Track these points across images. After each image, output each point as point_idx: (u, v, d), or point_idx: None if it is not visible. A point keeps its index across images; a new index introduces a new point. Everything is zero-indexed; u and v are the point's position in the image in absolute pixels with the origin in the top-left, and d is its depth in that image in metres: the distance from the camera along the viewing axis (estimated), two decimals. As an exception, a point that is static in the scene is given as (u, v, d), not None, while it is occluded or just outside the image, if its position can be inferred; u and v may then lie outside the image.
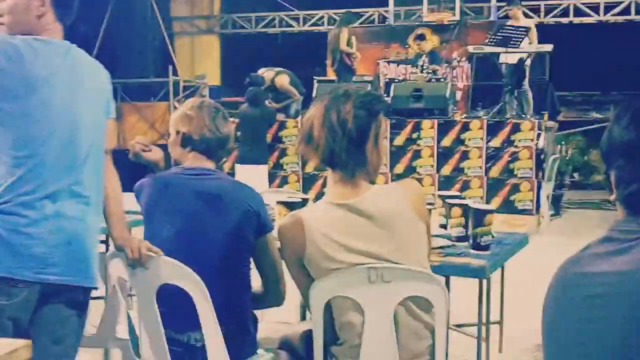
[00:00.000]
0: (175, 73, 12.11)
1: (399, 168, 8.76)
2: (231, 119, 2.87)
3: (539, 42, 9.57)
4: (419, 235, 2.23)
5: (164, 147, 2.84)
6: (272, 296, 2.58)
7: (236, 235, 2.46)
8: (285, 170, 9.28)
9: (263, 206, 2.55)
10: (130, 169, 2.79)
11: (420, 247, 2.24)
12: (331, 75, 10.68)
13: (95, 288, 2.31)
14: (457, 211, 3.01)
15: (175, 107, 10.92)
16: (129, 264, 2.37)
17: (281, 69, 9.52)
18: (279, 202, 2.98)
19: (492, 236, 2.89)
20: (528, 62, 9.46)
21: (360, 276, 2.13)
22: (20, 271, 2.10)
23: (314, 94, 9.28)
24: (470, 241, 2.87)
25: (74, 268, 2.20)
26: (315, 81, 10.01)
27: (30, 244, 2.11)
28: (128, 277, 2.40)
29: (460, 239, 2.99)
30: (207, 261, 2.42)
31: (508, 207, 8.05)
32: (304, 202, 3.10)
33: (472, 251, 2.83)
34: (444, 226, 3.23)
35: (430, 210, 2.71)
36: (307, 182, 9.10)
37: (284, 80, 9.38)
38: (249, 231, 2.48)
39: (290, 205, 2.92)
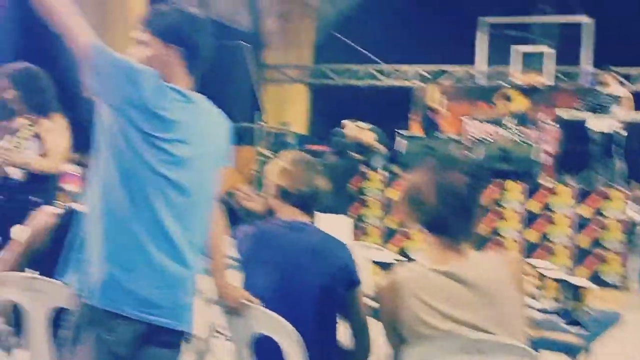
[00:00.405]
0: (262, 119, 12.39)
1: (481, 229, 8.63)
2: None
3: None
4: (516, 307, 2.22)
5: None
6: (360, 350, 2.59)
7: (329, 288, 2.50)
8: (365, 222, 9.29)
9: (354, 260, 2.58)
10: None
11: (517, 319, 2.22)
12: (415, 130, 10.70)
13: (191, 333, 2.37)
14: (551, 283, 2.96)
15: (260, 153, 11.13)
16: (227, 311, 2.43)
17: (368, 124, 9.60)
18: (374, 262, 3.01)
19: (588, 312, 2.83)
20: (622, 130, 9.25)
21: (456, 345, 2.12)
22: (125, 307, 2.17)
23: (397, 148, 9.31)
24: (565, 315, 2.82)
25: (175, 311, 2.27)
26: (398, 135, 10.05)
27: (137, 282, 2.19)
28: (225, 324, 2.46)
29: (554, 312, 2.93)
30: (301, 313, 2.46)
31: (594, 279, 7.80)
32: (399, 262, 3.11)
33: (567, 326, 2.77)
34: (532, 296, 3.17)
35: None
36: (388, 235, 9.08)
37: (370, 135, 9.45)
38: (341, 285, 2.52)
39: (385, 266, 2.94)
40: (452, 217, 2.18)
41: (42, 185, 4.13)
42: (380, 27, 13.36)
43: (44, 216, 2.83)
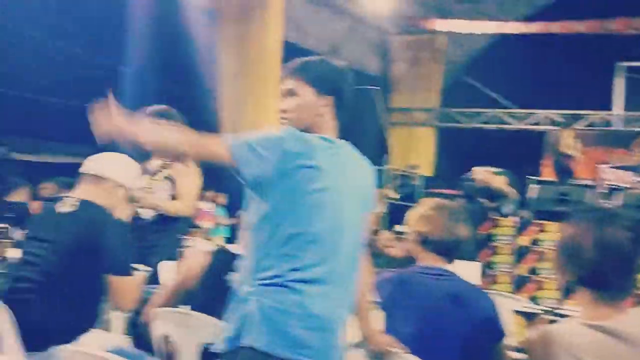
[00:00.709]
0: (389, 162, 12.46)
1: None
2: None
3: None
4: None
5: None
6: None
7: (473, 339, 2.47)
8: (494, 269, 9.06)
9: (498, 311, 2.54)
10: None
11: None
12: (547, 175, 10.41)
13: None
14: None
15: (387, 196, 11.16)
16: (371, 356, 2.44)
17: (499, 169, 9.44)
18: (517, 312, 2.94)
19: None
20: None
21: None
22: (279, 349, 2.21)
23: (528, 194, 9.08)
24: None
25: (326, 354, 2.30)
26: (529, 181, 9.80)
27: (291, 324, 2.22)
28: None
29: None
30: (443, 362, 2.45)
31: None
32: (545, 313, 3.04)
33: None
34: None
35: None
36: (519, 283, 8.81)
37: (500, 180, 9.27)
38: (486, 336, 2.48)
39: (529, 316, 2.88)
40: (612, 273, 2.11)
41: (172, 225, 4.32)
42: (510, 71, 13.18)
43: (198, 255, 2.97)
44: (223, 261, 2.87)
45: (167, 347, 2.85)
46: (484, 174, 9.17)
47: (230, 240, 9.76)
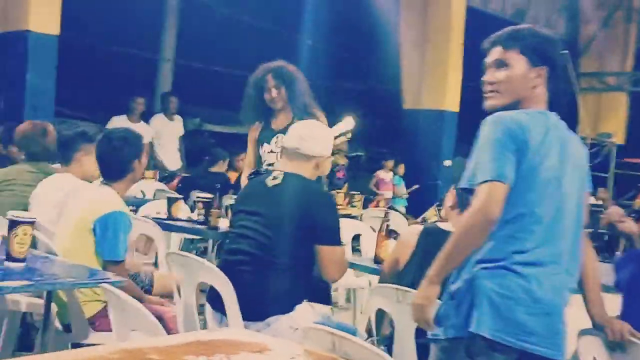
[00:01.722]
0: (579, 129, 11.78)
1: None
2: None
3: None
4: None
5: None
6: None
7: None
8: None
9: None
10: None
11: None
12: None
13: None
14: None
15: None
16: (607, 345, 2.27)
17: None
18: None
19: None
20: None
21: None
22: (504, 336, 2.12)
23: None
24: None
25: (550, 340, 2.17)
26: None
27: (516, 309, 2.13)
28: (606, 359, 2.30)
29: None
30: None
31: None
32: None
33: None
34: None
35: None
36: None
37: None
38: None
39: None
40: None
41: None
42: None
43: (411, 234, 2.92)
44: (435, 240, 2.78)
45: (383, 322, 2.84)
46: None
47: (409, 210, 9.70)
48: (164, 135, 8.06)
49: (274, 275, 2.98)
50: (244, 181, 4.28)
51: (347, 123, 4.25)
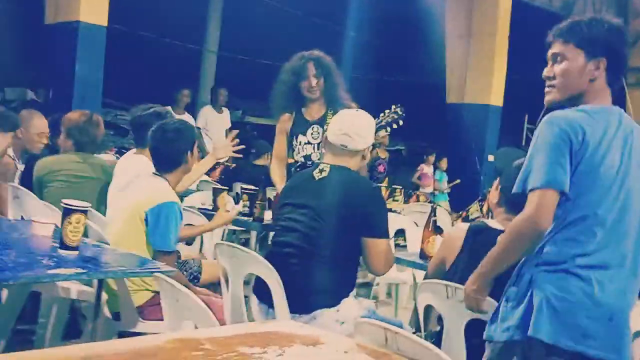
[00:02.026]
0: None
1: None
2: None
3: None
4: None
5: None
6: None
7: None
8: None
9: None
10: None
11: None
12: None
13: None
14: None
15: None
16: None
17: None
18: None
19: None
20: None
21: None
22: (563, 340, 2.09)
23: None
24: None
25: (612, 344, 2.12)
26: None
27: (577, 313, 2.10)
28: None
29: None
30: None
31: None
32: None
33: None
34: None
35: None
36: None
37: None
38: None
39: None
40: None
41: None
42: None
43: (458, 231, 2.89)
44: (484, 239, 2.75)
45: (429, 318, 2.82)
46: None
47: (451, 205, 9.61)
48: (212, 127, 8.13)
49: (321, 268, 2.97)
50: (273, 172, 4.28)
51: (391, 115, 4.23)
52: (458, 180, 10.33)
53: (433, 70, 11.16)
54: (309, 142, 4.19)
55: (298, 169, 3.97)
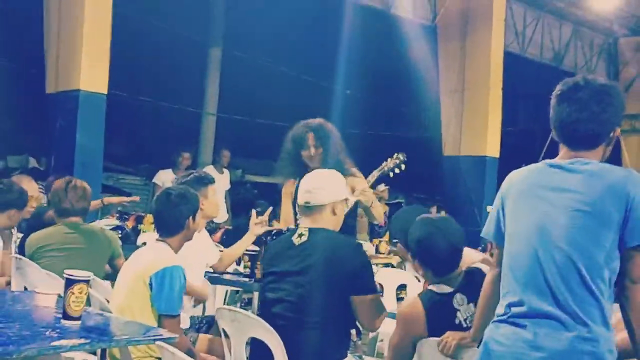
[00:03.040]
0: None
1: None
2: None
3: None
4: None
5: None
6: None
7: None
8: None
9: None
10: None
11: None
12: None
13: None
14: None
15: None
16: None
17: None
18: None
19: None
20: None
21: None
22: None
23: None
24: None
25: None
26: None
27: None
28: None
29: None
30: None
31: None
32: None
33: None
34: None
35: None
36: None
37: None
38: None
39: None
40: None
41: None
42: None
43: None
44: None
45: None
46: None
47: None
48: (213, 187, 8.17)
49: (314, 335, 2.99)
50: None
51: (393, 160, 4.33)
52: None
53: (429, 123, 11.31)
54: None
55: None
